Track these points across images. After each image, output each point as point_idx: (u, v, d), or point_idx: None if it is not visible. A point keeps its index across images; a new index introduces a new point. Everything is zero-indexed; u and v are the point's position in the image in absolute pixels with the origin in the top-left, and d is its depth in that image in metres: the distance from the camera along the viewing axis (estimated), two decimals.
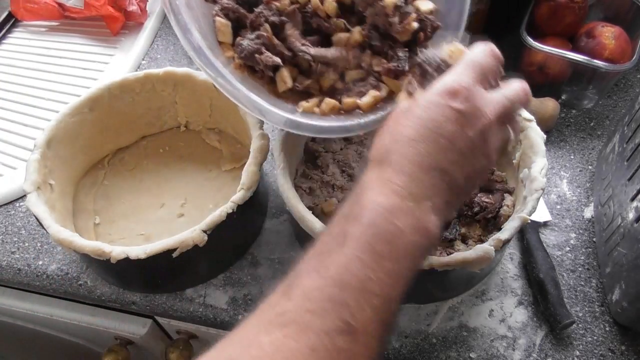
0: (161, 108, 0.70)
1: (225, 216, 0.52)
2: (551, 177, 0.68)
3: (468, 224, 0.57)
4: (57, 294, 0.64)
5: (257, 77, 0.49)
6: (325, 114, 0.47)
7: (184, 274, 0.59)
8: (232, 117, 0.66)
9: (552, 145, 0.71)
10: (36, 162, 0.57)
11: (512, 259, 0.61)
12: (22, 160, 0.74)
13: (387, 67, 0.46)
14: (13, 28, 0.96)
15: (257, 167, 0.56)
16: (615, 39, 0.70)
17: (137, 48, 0.87)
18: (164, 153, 0.70)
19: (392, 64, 0.46)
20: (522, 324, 0.56)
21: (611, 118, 0.74)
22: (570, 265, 0.60)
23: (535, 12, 0.73)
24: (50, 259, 0.63)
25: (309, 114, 0.47)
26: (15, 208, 0.69)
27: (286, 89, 0.48)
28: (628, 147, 0.56)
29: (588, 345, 0.54)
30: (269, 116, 0.46)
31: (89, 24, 0.94)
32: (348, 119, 0.47)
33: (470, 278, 0.57)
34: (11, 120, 0.80)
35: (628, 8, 0.74)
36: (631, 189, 0.53)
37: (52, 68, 0.88)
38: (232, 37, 0.49)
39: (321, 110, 0.47)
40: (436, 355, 0.54)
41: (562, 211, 0.64)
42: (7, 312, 0.75)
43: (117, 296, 0.61)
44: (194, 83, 0.66)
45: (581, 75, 0.71)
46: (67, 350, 0.82)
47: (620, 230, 0.53)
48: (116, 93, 0.65)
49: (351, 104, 0.47)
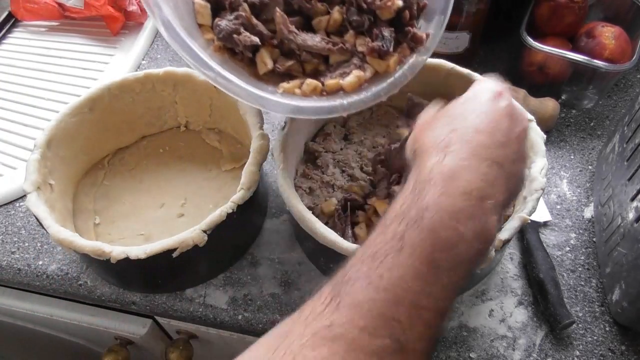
0: (161, 108, 0.70)
1: (225, 216, 0.52)
2: (551, 177, 0.68)
3: None
4: (57, 294, 0.64)
5: (237, 60, 0.47)
6: (306, 95, 0.46)
7: (184, 274, 0.59)
8: (232, 117, 0.66)
9: (552, 145, 0.71)
10: (36, 162, 0.57)
11: (512, 259, 0.61)
12: (22, 160, 0.74)
13: (371, 47, 0.45)
14: (13, 28, 0.96)
15: (257, 167, 0.56)
16: (615, 39, 0.70)
17: (137, 48, 0.87)
18: (164, 153, 0.70)
19: (377, 43, 0.45)
20: (522, 324, 0.56)
21: (611, 118, 0.74)
22: (570, 265, 0.60)
23: (535, 12, 0.73)
24: (50, 259, 0.63)
25: (289, 94, 0.46)
26: (15, 208, 0.69)
27: (267, 70, 0.46)
28: (628, 147, 0.56)
29: (588, 345, 0.54)
30: (244, 94, 0.44)
31: (89, 24, 0.94)
32: (330, 100, 0.45)
33: (470, 278, 0.57)
34: (11, 120, 0.80)
35: (628, 8, 0.74)
36: (631, 189, 0.53)
37: (52, 68, 0.88)
38: (211, 19, 0.47)
39: (302, 91, 0.46)
40: (436, 355, 0.54)
41: (562, 211, 0.64)
42: (7, 312, 0.75)
43: (117, 296, 0.61)
44: (194, 83, 0.66)
45: (581, 75, 0.71)
46: (67, 350, 0.82)
47: (620, 230, 0.53)
48: (116, 93, 0.65)
49: (334, 85, 0.46)
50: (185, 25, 0.45)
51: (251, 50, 0.46)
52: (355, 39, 0.47)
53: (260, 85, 0.46)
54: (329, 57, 0.48)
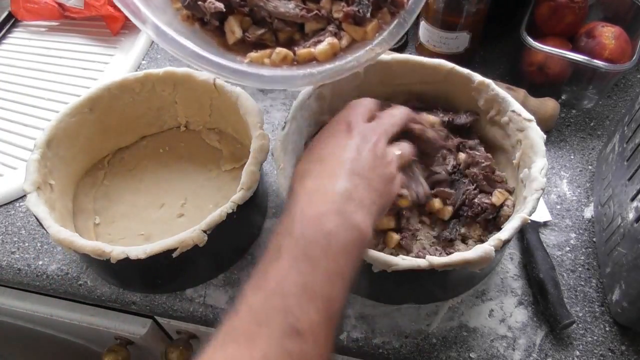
0: (161, 108, 0.70)
1: (225, 216, 0.52)
2: (551, 177, 0.68)
3: (468, 224, 0.57)
4: (57, 294, 0.64)
5: (207, 30, 0.45)
6: (276, 65, 0.43)
7: (184, 274, 0.59)
8: (232, 117, 0.65)
9: (552, 145, 0.71)
10: (36, 162, 0.57)
11: (512, 259, 0.61)
12: (22, 160, 0.74)
13: (347, 12, 0.43)
14: (13, 28, 0.96)
15: (257, 167, 0.56)
16: (615, 39, 0.70)
17: (137, 48, 0.87)
18: (164, 153, 0.70)
19: (352, 9, 0.43)
20: (522, 324, 0.56)
21: (611, 118, 0.74)
22: (570, 265, 0.60)
23: (535, 12, 0.73)
24: (50, 259, 0.63)
25: (257, 64, 0.43)
26: (15, 208, 0.69)
27: (235, 40, 0.44)
28: (628, 147, 0.56)
29: (588, 345, 0.54)
30: (204, 62, 0.42)
31: (89, 24, 0.94)
32: (300, 69, 0.43)
33: (471, 278, 0.57)
34: (11, 120, 0.80)
35: (628, 8, 0.74)
36: (631, 189, 0.53)
37: (52, 68, 0.88)
38: None
39: (272, 61, 0.44)
40: (436, 355, 0.54)
41: (562, 211, 0.64)
42: (7, 312, 0.75)
43: (117, 296, 0.61)
44: (194, 83, 0.66)
45: (581, 75, 0.71)
46: (67, 350, 0.82)
47: (620, 230, 0.53)
48: (116, 93, 0.65)
49: (306, 54, 0.44)
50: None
51: (218, 18, 0.44)
52: (331, 5, 0.45)
53: (228, 56, 0.44)
54: (305, 25, 0.45)
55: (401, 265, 0.47)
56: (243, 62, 0.44)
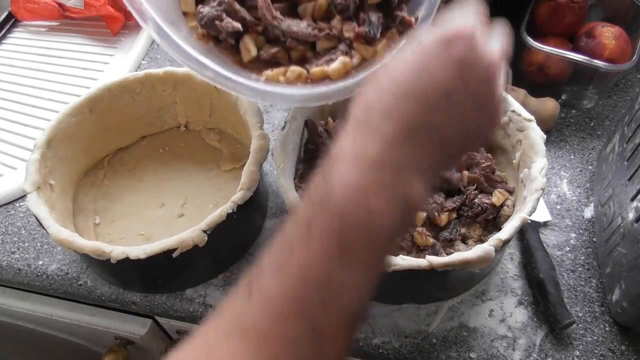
0: (161, 108, 0.70)
1: (225, 216, 0.52)
2: (551, 177, 0.68)
3: (468, 224, 0.57)
4: (57, 294, 0.64)
5: (222, 48, 0.46)
6: (291, 83, 0.44)
7: (184, 274, 0.59)
8: (232, 117, 0.66)
9: (552, 145, 0.71)
10: (36, 162, 0.57)
11: (512, 259, 0.61)
12: (22, 160, 0.74)
13: (358, 32, 0.44)
14: (13, 28, 0.96)
15: (257, 167, 0.56)
16: (615, 39, 0.70)
17: (137, 48, 0.87)
18: (164, 153, 0.70)
19: (363, 29, 0.44)
20: (522, 324, 0.56)
21: (611, 118, 0.74)
22: (570, 265, 0.60)
23: (535, 12, 0.73)
24: (50, 259, 0.63)
25: (272, 82, 0.44)
26: (15, 208, 0.69)
27: (251, 58, 0.45)
28: (628, 147, 0.56)
29: (588, 345, 0.54)
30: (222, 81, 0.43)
31: (89, 24, 0.94)
32: (315, 87, 0.44)
33: (470, 278, 0.57)
34: (11, 120, 0.80)
35: (628, 8, 0.74)
36: (631, 189, 0.53)
37: (52, 68, 0.88)
38: (194, 6, 0.46)
39: (287, 78, 0.44)
40: (436, 355, 0.54)
41: (562, 211, 0.64)
42: (7, 312, 0.75)
43: (117, 296, 0.61)
44: (194, 83, 0.66)
45: (581, 75, 0.71)
46: (67, 350, 0.82)
47: (620, 230, 0.53)
48: (116, 93, 0.65)
49: (319, 72, 0.44)
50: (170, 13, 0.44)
51: (234, 37, 0.45)
52: (342, 25, 0.45)
53: (244, 74, 0.45)
54: (316, 44, 0.46)
55: (401, 265, 0.47)
56: (259, 79, 0.44)
